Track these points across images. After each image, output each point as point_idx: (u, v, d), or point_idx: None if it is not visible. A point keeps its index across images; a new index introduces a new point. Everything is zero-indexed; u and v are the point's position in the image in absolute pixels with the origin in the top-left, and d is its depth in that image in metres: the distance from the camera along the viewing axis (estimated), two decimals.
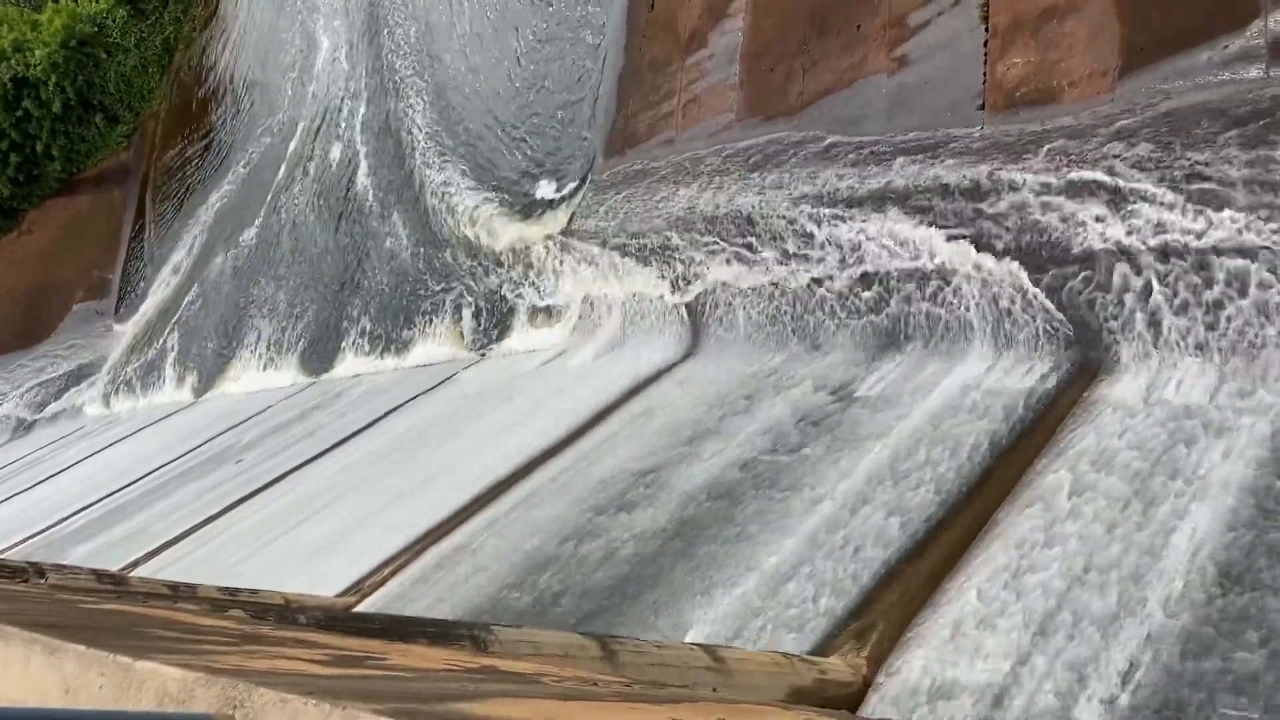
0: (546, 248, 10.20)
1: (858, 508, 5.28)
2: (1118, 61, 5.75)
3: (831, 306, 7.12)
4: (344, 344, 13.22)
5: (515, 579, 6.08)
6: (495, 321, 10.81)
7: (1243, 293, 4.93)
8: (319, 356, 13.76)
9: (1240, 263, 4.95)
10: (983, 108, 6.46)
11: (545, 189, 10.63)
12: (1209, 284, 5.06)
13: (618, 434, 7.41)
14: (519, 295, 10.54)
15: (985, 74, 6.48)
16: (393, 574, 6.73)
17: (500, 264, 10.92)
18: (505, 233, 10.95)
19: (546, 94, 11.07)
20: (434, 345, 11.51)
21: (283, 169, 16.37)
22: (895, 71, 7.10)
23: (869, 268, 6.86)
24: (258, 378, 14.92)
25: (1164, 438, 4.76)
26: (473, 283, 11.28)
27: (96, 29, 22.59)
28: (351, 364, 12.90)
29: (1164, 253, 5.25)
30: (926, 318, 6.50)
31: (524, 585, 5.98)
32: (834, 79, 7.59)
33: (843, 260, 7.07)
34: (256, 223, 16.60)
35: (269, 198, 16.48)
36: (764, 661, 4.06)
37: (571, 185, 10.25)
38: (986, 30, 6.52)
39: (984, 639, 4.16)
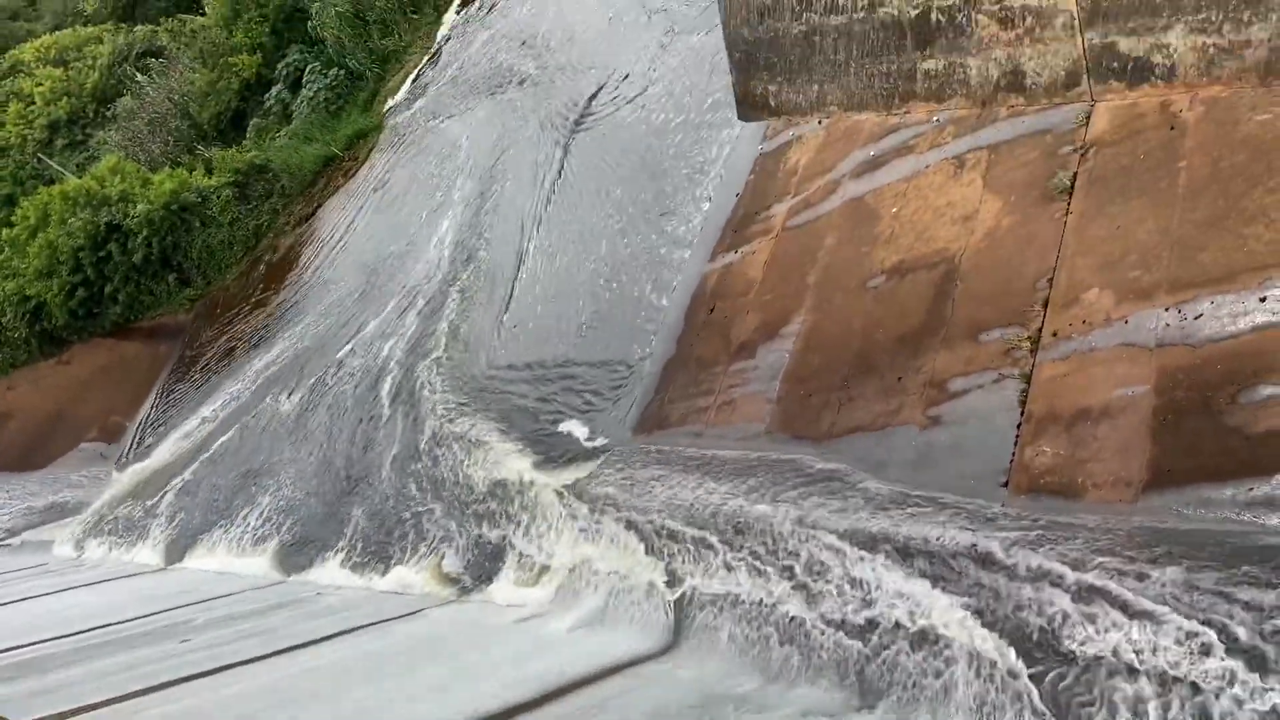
0: (555, 502, 10.20)
1: None
2: (1144, 476, 5.88)
3: (820, 642, 6.95)
4: (326, 550, 13.01)
5: None
6: (483, 566, 10.64)
7: None
8: (298, 555, 13.51)
9: (1228, 707, 4.82)
10: (1006, 485, 6.56)
11: (569, 442, 10.77)
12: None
13: (573, 716, 7.07)
14: (513, 545, 10.42)
15: (1014, 454, 6.63)
16: None
17: (505, 507, 10.89)
18: (519, 475, 10.98)
19: (596, 361, 11.45)
20: (416, 574, 11.28)
21: (326, 367, 16.80)
22: (927, 428, 7.29)
23: (866, 612, 6.74)
24: (231, 559, 14.63)
25: None
26: (472, 520, 11.21)
27: (200, 200, 24.13)
28: (328, 572, 12.63)
29: (1161, 680, 5.13)
30: (912, 678, 6.31)
31: None
32: (867, 419, 7.79)
33: (841, 598, 6.97)
34: (279, 405, 16.85)
35: (301, 388, 16.82)
36: None
37: (596, 444, 10.39)
38: (1022, 414, 6.74)
39: None
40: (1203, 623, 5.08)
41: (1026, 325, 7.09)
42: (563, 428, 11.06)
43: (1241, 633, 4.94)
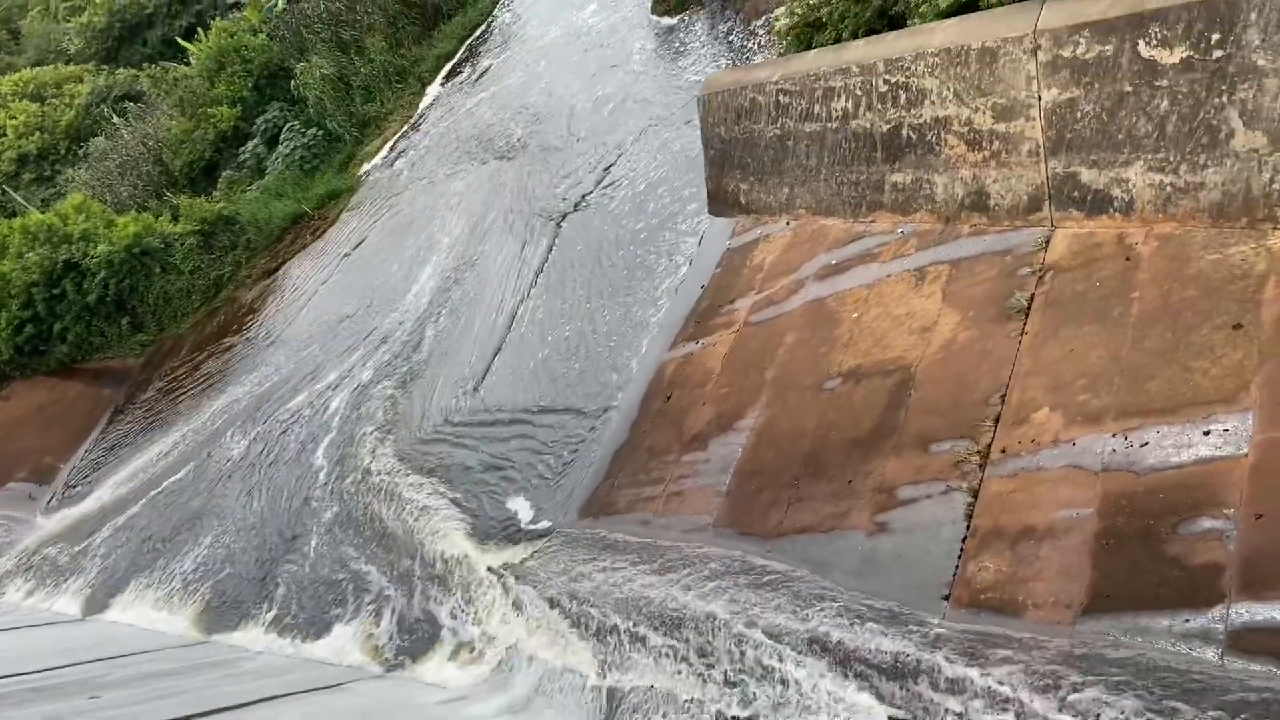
0: (491, 582, 10.01)
1: None
2: (1083, 599, 5.90)
3: None
4: (254, 611, 12.63)
5: None
6: (414, 641, 10.37)
7: None
8: (222, 615, 13.10)
9: None
10: (948, 598, 6.55)
11: (511, 521, 10.63)
12: None
13: None
14: (446, 622, 10.19)
15: (958, 568, 6.63)
16: None
17: (441, 583, 10.67)
18: (458, 549, 10.79)
19: (546, 440, 11.38)
20: (345, 643, 10.96)
21: (272, 422, 16.53)
22: (874, 534, 7.29)
23: (800, 717, 6.64)
24: (152, 614, 14.14)
25: None
26: (406, 593, 10.96)
27: (163, 245, 23.92)
28: (252, 635, 12.24)
29: None
30: None
31: None
32: (815, 520, 7.78)
33: (775, 701, 6.86)
34: (219, 456, 16.52)
35: (245, 441, 16.52)
36: None
37: (539, 525, 10.27)
38: (968, 527, 6.77)
39: None
40: None
41: (977, 439, 7.16)
42: (508, 505, 10.92)
43: None
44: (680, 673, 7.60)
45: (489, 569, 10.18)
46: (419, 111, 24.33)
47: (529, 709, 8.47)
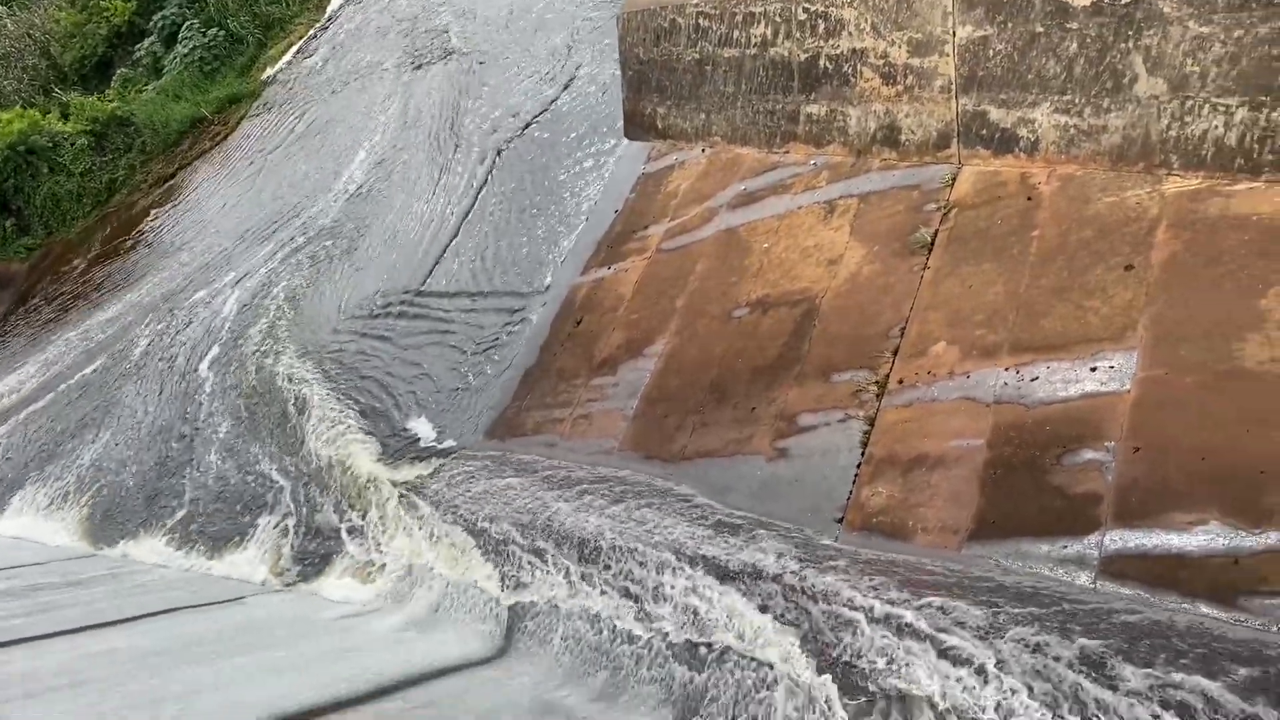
0: (394, 498, 9.98)
1: None
2: (969, 526, 6.15)
3: (648, 662, 7.00)
4: (148, 526, 12.38)
5: None
6: (315, 557, 10.31)
7: None
8: (112, 526, 12.81)
9: None
10: (841, 521, 6.77)
11: (416, 439, 10.57)
12: None
13: (396, 715, 6.91)
14: (346, 538, 10.14)
15: (852, 492, 6.85)
16: None
17: (343, 499, 10.60)
18: (361, 466, 10.71)
19: (452, 361, 11.29)
20: (243, 559, 10.84)
21: (167, 328, 16.03)
22: (774, 459, 7.46)
23: (695, 634, 6.83)
24: (36, 524, 13.75)
25: None
26: (308, 508, 10.86)
27: (51, 145, 22.75)
28: (144, 548, 12.01)
29: (960, 713, 5.35)
30: (737, 703, 6.41)
31: None
32: (718, 445, 7.92)
33: (672, 618, 7.04)
34: (113, 363, 16.00)
35: (139, 348, 16.01)
36: None
37: (445, 444, 10.24)
38: (863, 454, 6.97)
39: None
40: (1007, 672, 5.34)
41: (876, 370, 7.34)
42: (411, 424, 10.85)
43: (1049, 688, 5.22)
44: (580, 590, 7.73)
45: (392, 486, 10.13)
46: (328, 13, 23.41)
47: (431, 623, 8.53)
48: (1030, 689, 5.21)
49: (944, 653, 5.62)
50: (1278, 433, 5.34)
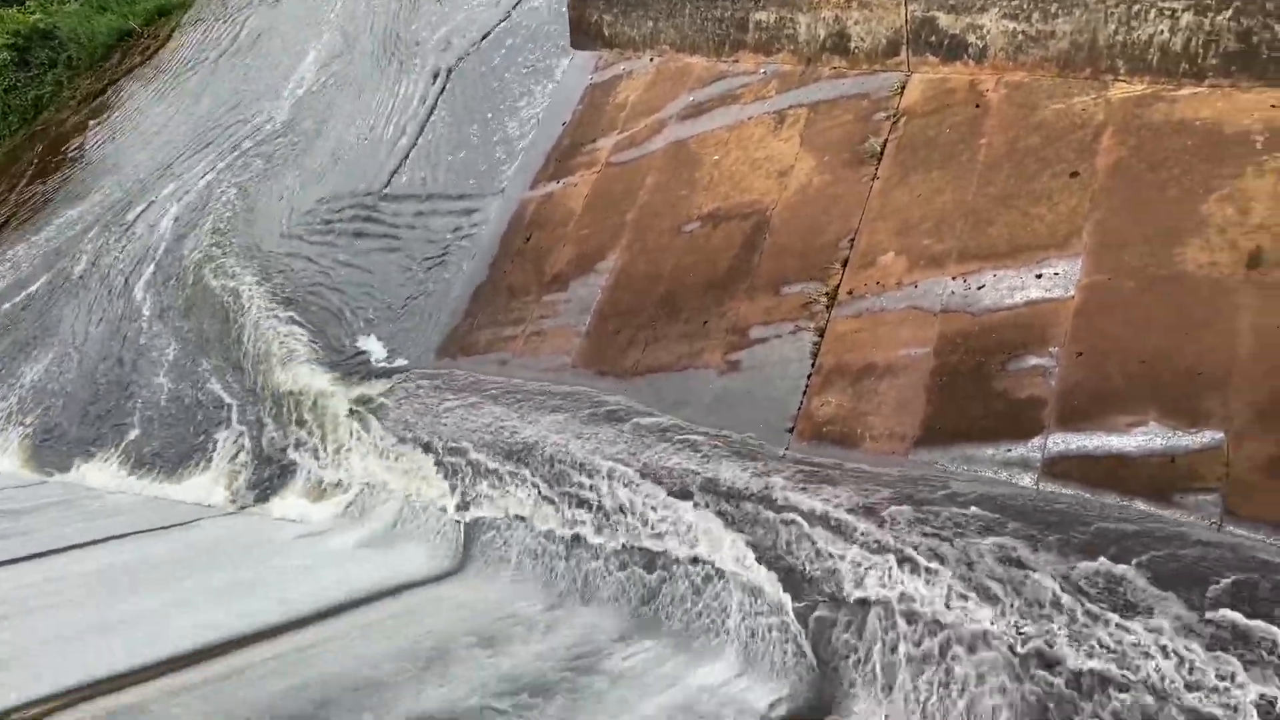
0: (347, 417, 9.94)
1: None
2: (917, 432, 6.27)
3: (606, 571, 7.12)
4: (97, 450, 12.23)
5: None
6: (270, 478, 10.28)
7: (967, 675, 5.22)
8: (61, 452, 12.64)
9: (974, 647, 5.27)
10: (792, 431, 6.86)
11: (366, 357, 10.49)
12: (942, 658, 5.34)
13: (351, 633, 6.99)
14: (300, 458, 10.11)
15: (802, 403, 6.93)
16: (45, 714, 5.93)
17: (294, 418, 10.53)
18: (312, 385, 10.63)
19: (401, 277, 11.16)
20: (197, 482, 10.78)
21: (106, 245, 15.64)
22: (725, 372, 7.51)
23: (651, 544, 6.95)
24: None
25: None
26: (259, 429, 10.79)
27: None
28: (94, 473, 11.89)
29: (912, 618, 5.53)
30: (690, 610, 6.57)
31: None
32: (670, 360, 7.96)
33: (628, 529, 7.14)
34: (52, 283, 15.62)
35: (77, 267, 15.63)
36: None
37: (396, 363, 10.18)
38: (813, 365, 7.04)
39: None
40: (954, 573, 5.51)
41: (826, 282, 7.38)
42: (361, 342, 10.75)
43: (992, 584, 5.39)
44: (537, 504, 7.81)
45: (345, 405, 10.08)
46: None
47: (388, 542, 8.59)
48: (974, 586, 5.39)
49: (890, 555, 5.78)
50: (1215, 336, 5.47)
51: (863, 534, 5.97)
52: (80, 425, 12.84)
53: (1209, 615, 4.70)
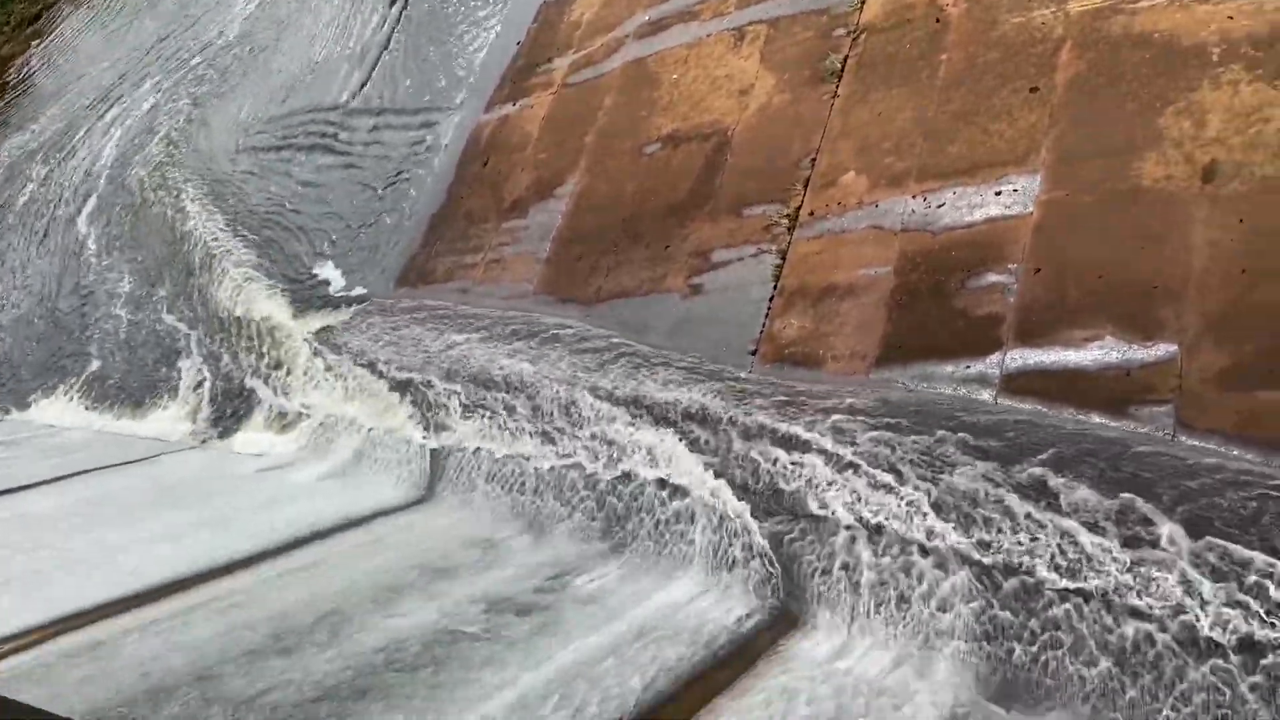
0: (307, 349, 9.83)
1: (538, 705, 5.15)
2: (877, 351, 6.30)
3: (573, 496, 7.16)
4: (51, 384, 12.03)
5: (152, 693, 5.46)
6: (231, 412, 10.18)
7: (928, 588, 5.34)
8: (14, 390, 12.43)
9: (936, 562, 5.38)
10: (755, 354, 6.88)
11: (325, 288, 10.35)
12: (906, 572, 5.45)
13: (317, 565, 7.00)
14: (263, 391, 10.02)
15: (764, 325, 6.94)
16: (9, 653, 5.91)
17: (257, 351, 10.40)
18: (271, 315, 10.47)
19: (363, 203, 10.96)
20: (157, 417, 10.66)
21: (49, 175, 15.22)
22: (688, 296, 7.49)
23: (619, 469, 6.98)
24: None
25: (834, 704, 4.98)
26: (220, 362, 10.65)
27: None
28: (52, 409, 11.72)
29: (875, 533, 5.63)
30: (657, 532, 6.64)
31: (163, 701, 5.38)
32: (633, 284, 7.92)
33: (595, 454, 7.17)
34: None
35: (22, 196, 15.21)
36: None
37: (355, 292, 10.05)
38: (775, 287, 7.03)
39: None
40: (916, 488, 5.60)
41: (787, 203, 7.34)
42: (319, 272, 10.59)
43: (953, 500, 5.49)
44: (502, 432, 7.80)
45: (305, 336, 9.96)
46: None
47: (353, 473, 8.57)
48: (935, 502, 5.48)
49: (852, 473, 5.85)
50: (1170, 249, 5.51)
51: (825, 453, 6.04)
52: (35, 361, 12.62)
53: (1158, 527, 4.82)
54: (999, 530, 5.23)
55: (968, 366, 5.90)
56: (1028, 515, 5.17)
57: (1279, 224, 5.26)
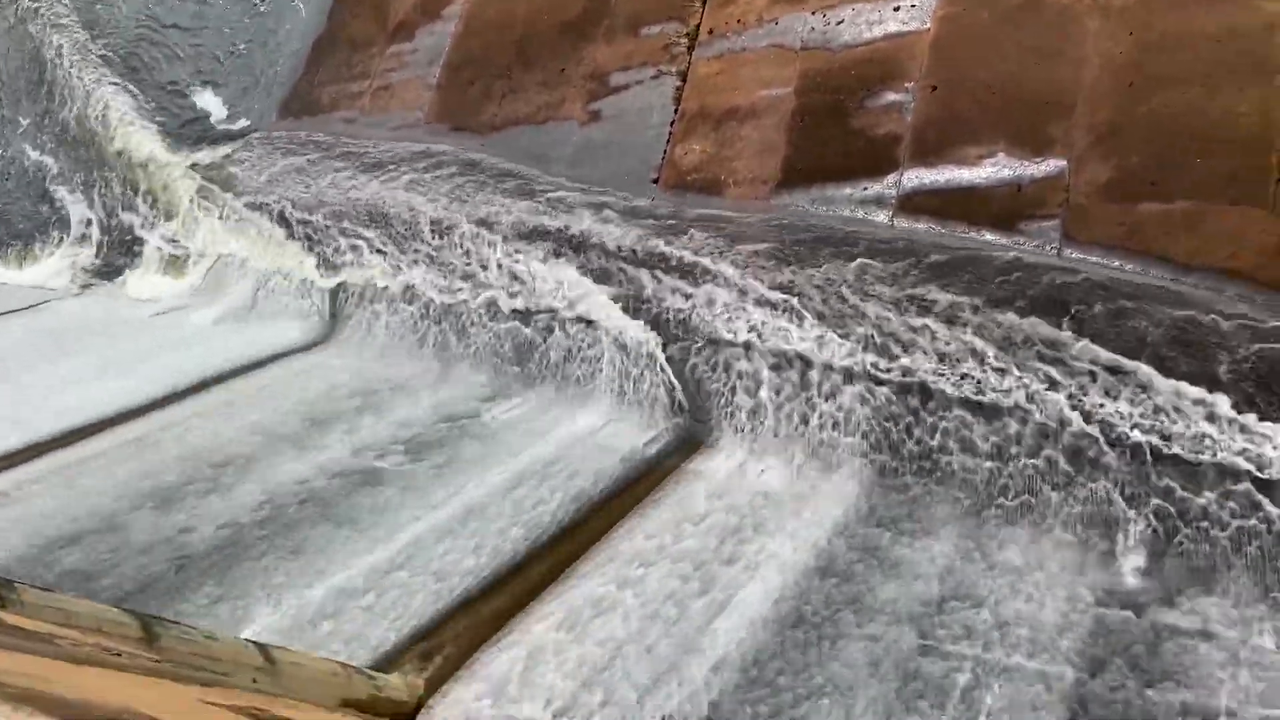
0: (190, 186, 9.38)
1: (446, 535, 5.28)
2: (778, 175, 6.31)
3: (477, 330, 7.13)
4: None
5: (67, 538, 5.43)
6: (118, 255, 9.74)
7: (824, 405, 5.55)
8: None
9: (834, 379, 5.57)
10: (657, 181, 6.82)
11: (204, 120, 9.80)
12: (804, 391, 5.64)
13: (219, 409, 6.90)
14: (149, 233, 9.59)
15: (666, 151, 6.85)
16: None
17: (138, 189, 9.89)
18: (151, 151, 9.91)
19: (240, 19, 10.25)
20: (39, 264, 10.15)
21: None
22: (587, 123, 7.33)
23: (522, 303, 6.96)
24: None
25: (738, 518, 5.22)
26: (102, 204, 10.12)
27: None
28: None
29: (775, 355, 5.78)
30: (566, 362, 6.69)
31: (76, 547, 5.36)
32: (530, 111, 7.69)
33: (498, 289, 7.12)
34: None
35: None
36: (320, 669, 3.90)
37: (237, 125, 9.55)
38: (676, 111, 6.91)
39: (539, 680, 4.27)
40: (815, 310, 5.72)
41: (686, 21, 7.13)
42: (197, 101, 9.99)
43: (848, 319, 5.63)
44: (401, 269, 7.66)
45: (187, 172, 9.48)
46: None
47: (250, 314, 8.36)
48: (830, 322, 5.63)
49: (754, 299, 5.95)
50: (1064, 64, 5.56)
51: (727, 279, 6.10)
52: None
53: (1040, 333, 5.04)
54: (891, 347, 5.42)
55: (865, 188, 5.95)
56: (919, 329, 5.35)
57: (1165, 36, 5.33)
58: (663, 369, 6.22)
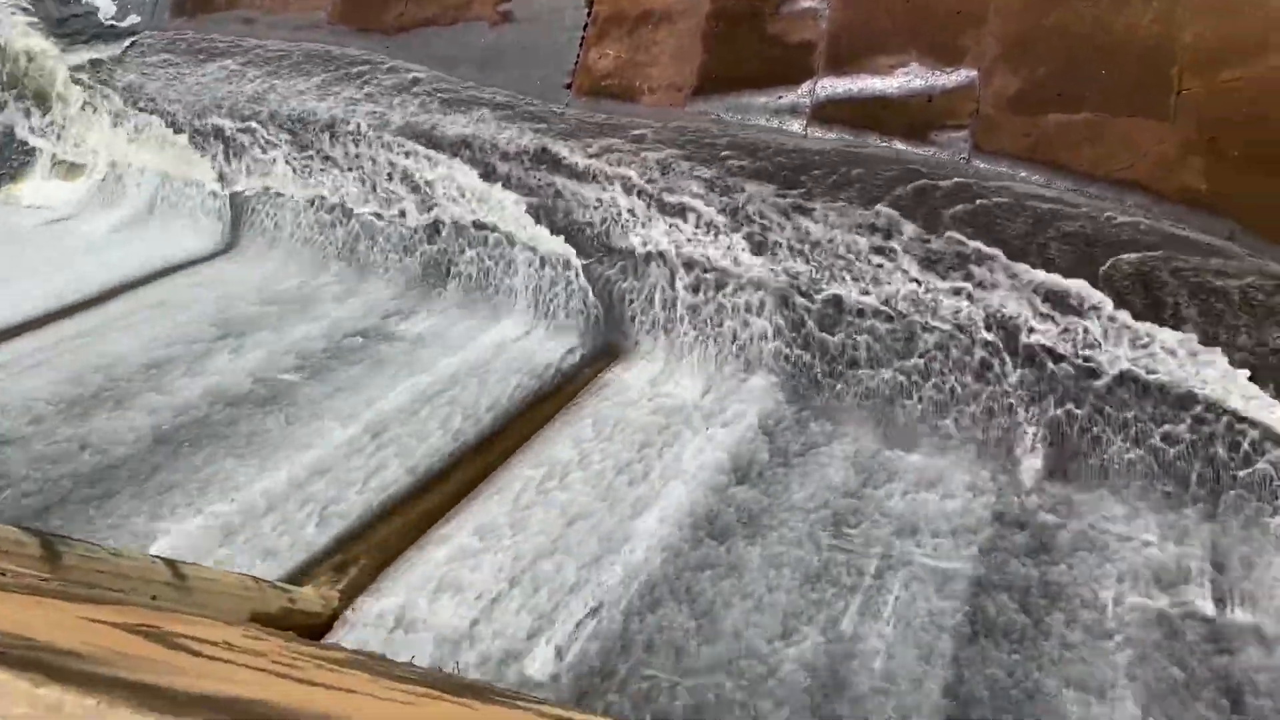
0: (78, 88, 8.89)
1: (365, 444, 5.23)
2: (694, 82, 6.23)
3: (389, 239, 6.99)
4: None
5: None
6: (5, 161, 9.22)
7: (738, 313, 5.60)
8: None
9: (746, 286, 5.61)
10: (570, 87, 6.68)
11: (91, 16, 9.24)
12: (718, 300, 5.68)
13: (123, 319, 6.66)
14: (34, 138, 9.09)
15: (579, 56, 6.70)
16: None
17: (21, 90, 9.34)
18: (32, 47, 9.33)
19: None
20: None
21: None
22: (497, 24, 7.12)
23: (434, 212, 6.82)
24: None
25: (656, 424, 5.28)
26: None
27: None
28: None
29: (690, 265, 5.79)
30: (479, 273, 6.61)
31: None
32: (437, 12, 7.44)
33: (410, 197, 6.96)
34: None
35: None
36: (231, 583, 3.87)
37: (126, 23, 9.03)
38: (589, 14, 6.75)
39: (459, 584, 4.31)
40: (729, 220, 5.72)
41: None
42: None
43: (759, 228, 5.65)
44: (304, 175, 7.43)
45: (73, 72, 8.96)
46: None
47: (149, 222, 8.05)
48: (744, 233, 5.65)
49: (669, 208, 5.93)
50: None
51: (641, 189, 6.06)
52: None
53: (945, 237, 5.14)
54: (802, 255, 5.47)
55: (780, 97, 5.93)
56: (830, 241, 5.41)
57: None
58: (578, 279, 6.20)
